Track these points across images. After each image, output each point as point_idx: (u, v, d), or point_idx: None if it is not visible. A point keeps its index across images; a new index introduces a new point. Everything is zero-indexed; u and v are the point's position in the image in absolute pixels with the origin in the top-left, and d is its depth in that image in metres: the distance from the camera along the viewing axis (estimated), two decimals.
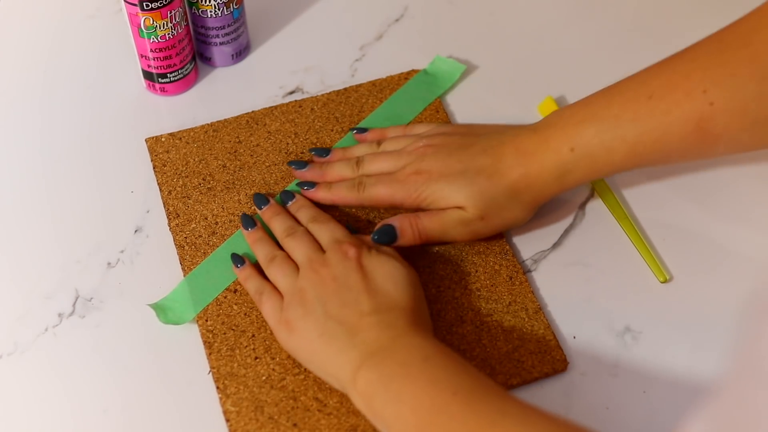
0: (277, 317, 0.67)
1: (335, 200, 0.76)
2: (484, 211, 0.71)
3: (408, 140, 0.77)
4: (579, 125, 0.70)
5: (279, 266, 0.70)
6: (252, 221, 0.74)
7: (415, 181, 0.73)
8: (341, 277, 0.66)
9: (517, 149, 0.71)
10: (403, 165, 0.74)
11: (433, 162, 0.73)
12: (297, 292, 0.67)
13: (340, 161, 0.77)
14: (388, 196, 0.74)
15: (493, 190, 0.71)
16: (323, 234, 0.71)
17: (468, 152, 0.72)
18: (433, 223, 0.72)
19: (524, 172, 0.71)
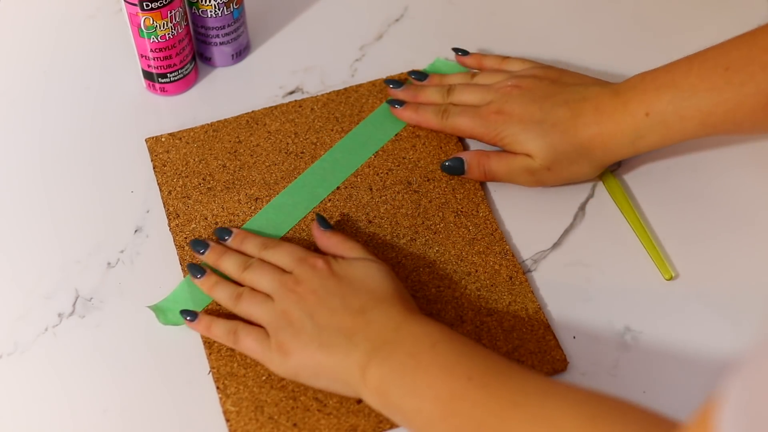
0: (266, 346, 0.65)
1: (420, 121, 0.80)
2: (552, 163, 0.74)
3: (501, 76, 0.80)
4: (657, 91, 0.72)
5: (249, 299, 0.67)
6: (200, 268, 0.71)
7: (495, 119, 0.76)
8: (319, 288, 0.65)
9: (596, 108, 0.73)
10: (489, 101, 0.77)
11: (516, 105, 0.76)
12: (280, 316, 0.65)
13: (433, 86, 0.81)
14: (469, 129, 0.77)
15: (565, 144, 0.73)
16: (282, 256, 0.69)
17: (550, 101, 0.75)
18: (501, 165, 0.76)
19: (599, 131, 0.73)
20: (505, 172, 0.76)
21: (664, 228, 0.76)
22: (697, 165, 0.80)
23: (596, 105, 0.74)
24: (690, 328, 0.71)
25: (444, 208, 0.77)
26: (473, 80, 0.81)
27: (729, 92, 0.70)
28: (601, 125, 0.73)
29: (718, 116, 0.71)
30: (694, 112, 0.71)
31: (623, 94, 0.73)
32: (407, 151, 0.80)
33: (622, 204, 0.77)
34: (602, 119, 0.73)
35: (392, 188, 0.78)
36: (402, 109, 0.80)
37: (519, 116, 0.75)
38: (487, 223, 0.76)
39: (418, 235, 0.75)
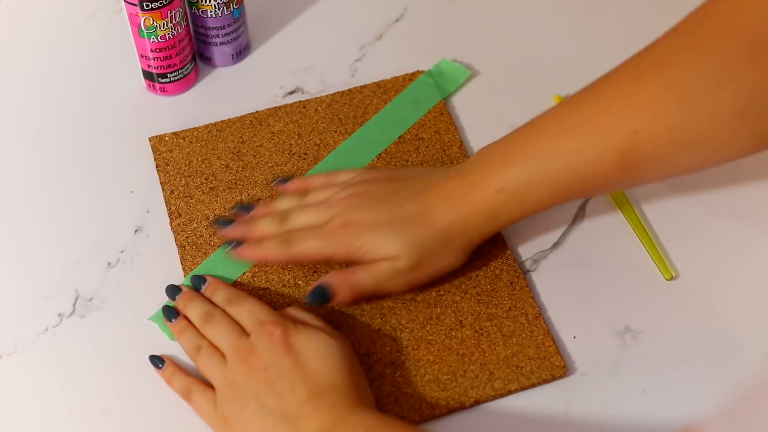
0: (212, 414, 0.65)
1: (263, 258, 0.72)
2: (417, 260, 0.69)
3: (333, 190, 0.73)
4: (503, 166, 0.68)
5: (206, 358, 0.66)
6: (175, 312, 0.70)
7: (344, 233, 0.70)
8: (271, 364, 0.63)
9: (446, 194, 0.69)
10: (330, 217, 0.71)
11: (362, 212, 0.70)
12: (229, 386, 0.64)
13: (264, 217, 0.74)
14: (318, 250, 0.70)
15: (425, 237, 0.69)
16: (243, 315, 0.67)
17: (395, 199, 0.70)
18: (367, 276, 0.69)
19: (454, 218, 0.69)
20: (371, 282, 0.69)
21: (664, 228, 0.76)
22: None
23: (444, 192, 0.69)
24: (690, 328, 0.71)
25: None
26: (305, 201, 0.74)
27: (578, 157, 0.66)
28: (454, 211, 0.69)
29: (572, 181, 0.67)
30: (546, 181, 0.67)
31: (469, 175, 0.69)
32: (410, 154, 0.80)
33: (622, 204, 0.77)
34: (455, 204, 0.69)
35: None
36: (241, 250, 0.72)
37: (368, 222, 0.69)
38: None
39: None
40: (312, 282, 0.72)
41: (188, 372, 0.68)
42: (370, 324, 0.71)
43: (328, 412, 0.61)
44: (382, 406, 0.67)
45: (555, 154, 0.67)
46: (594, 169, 0.66)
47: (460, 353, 0.69)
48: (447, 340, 0.70)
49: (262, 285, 0.73)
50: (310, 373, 0.63)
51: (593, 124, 0.66)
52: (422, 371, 0.68)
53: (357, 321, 0.71)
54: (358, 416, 0.61)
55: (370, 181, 0.73)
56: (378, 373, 0.68)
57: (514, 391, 0.68)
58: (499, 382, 0.68)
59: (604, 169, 0.66)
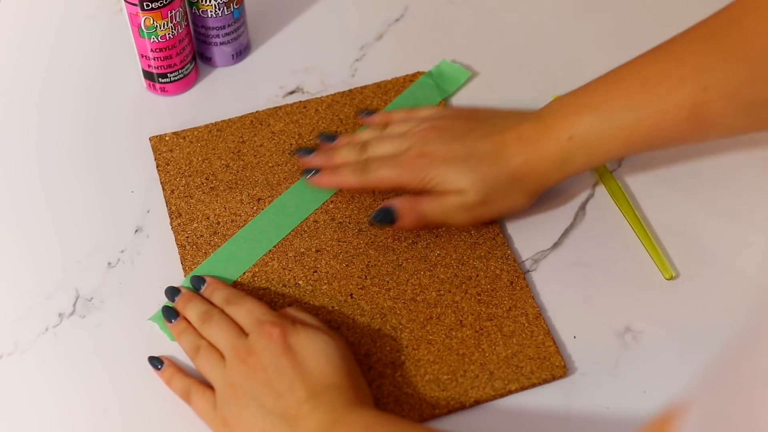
0: (212, 415, 0.65)
1: (340, 184, 0.76)
2: (485, 197, 0.72)
3: (412, 123, 0.77)
4: (577, 114, 0.71)
5: (205, 358, 0.66)
6: (175, 312, 0.70)
7: (419, 163, 0.73)
8: (270, 364, 0.63)
9: (519, 137, 0.72)
10: (407, 147, 0.74)
11: (437, 145, 0.73)
12: (228, 387, 0.64)
13: (345, 146, 0.77)
14: (393, 179, 0.74)
15: (496, 176, 0.72)
16: (241, 315, 0.68)
17: (471, 136, 0.73)
18: (434, 206, 0.73)
19: (526, 160, 0.71)
20: (439, 212, 0.73)
21: (664, 228, 0.76)
22: (697, 164, 0.80)
23: (519, 134, 0.72)
24: (690, 328, 0.71)
25: None
26: (385, 132, 0.77)
27: (649, 109, 0.69)
28: (526, 153, 0.71)
29: (641, 134, 0.69)
30: (617, 132, 0.69)
31: (544, 120, 0.72)
32: None
33: (622, 204, 0.77)
34: (527, 147, 0.71)
35: (395, 191, 0.78)
36: (318, 176, 0.76)
37: (443, 155, 0.72)
38: (488, 228, 0.75)
39: (419, 238, 0.75)
40: (312, 282, 0.72)
41: (188, 373, 0.68)
42: (370, 324, 0.71)
43: (327, 411, 0.61)
44: (382, 406, 0.67)
45: (627, 106, 0.69)
46: (664, 123, 0.69)
47: (460, 353, 0.69)
48: (447, 340, 0.70)
49: (262, 285, 0.73)
50: (309, 373, 0.63)
51: (666, 79, 0.69)
52: (422, 371, 0.68)
53: (357, 321, 0.71)
54: (357, 414, 0.62)
55: (449, 117, 0.76)
56: (378, 373, 0.68)
57: (514, 391, 0.68)
58: (499, 382, 0.68)
59: (673, 122, 0.69)
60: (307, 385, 0.62)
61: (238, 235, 0.75)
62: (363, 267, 0.73)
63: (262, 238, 0.75)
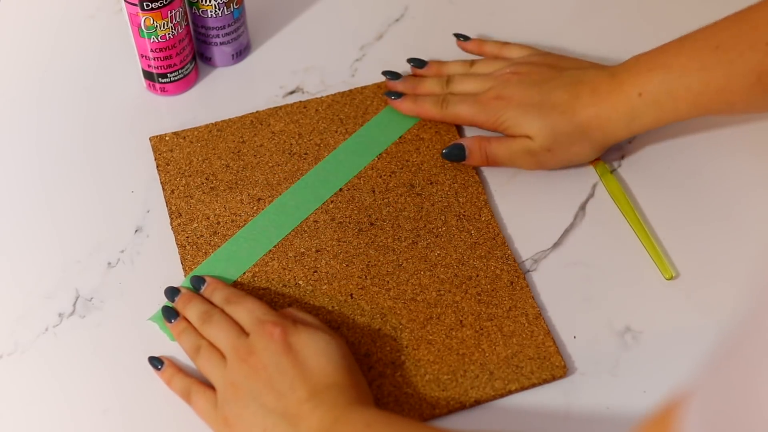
0: (213, 415, 0.65)
1: (419, 112, 0.81)
2: (551, 144, 0.75)
3: (499, 64, 0.81)
4: (649, 72, 0.73)
5: (205, 358, 0.67)
6: (175, 313, 0.70)
7: (495, 105, 0.77)
8: (271, 364, 0.63)
9: (593, 90, 0.75)
10: (488, 88, 0.78)
11: (515, 89, 0.77)
12: (229, 387, 0.64)
13: (432, 77, 0.82)
14: (469, 116, 0.79)
15: (564, 125, 0.75)
16: (242, 315, 0.68)
17: (549, 85, 0.76)
18: (502, 148, 0.77)
19: (596, 112, 0.74)
20: (506, 154, 0.77)
21: (664, 228, 0.76)
22: (697, 164, 0.80)
23: (593, 87, 0.75)
24: (690, 328, 0.71)
25: (446, 211, 0.77)
26: (472, 69, 0.82)
27: (719, 71, 0.71)
28: (598, 106, 0.74)
29: (709, 95, 0.71)
30: (686, 92, 0.72)
31: (618, 76, 0.75)
32: (411, 154, 0.80)
33: (622, 203, 0.77)
34: (599, 100, 0.74)
35: (395, 191, 0.78)
36: (400, 101, 0.81)
37: (518, 100, 0.76)
38: (489, 228, 0.76)
39: (419, 238, 0.75)
40: (312, 282, 0.72)
41: (188, 373, 0.68)
42: (370, 324, 0.71)
43: (329, 410, 0.61)
44: (383, 405, 0.67)
45: (698, 68, 0.71)
46: (731, 86, 0.71)
47: (460, 353, 0.69)
48: (447, 340, 0.70)
49: (262, 285, 0.73)
50: (310, 372, 0.63)
51: (737, 44, 0.70)
52: (422, 371, 0.68)
53: (357, 321, 0.71)
54: (357, 413, 0.62)
55: (533, 63, 0.80)
56: (378, 373, 0.68)
57: (514, 391, 0.68)
58: (499, 382, 0.68)
59: (742, 87, 0.71)
60: (308, 385, 0.62)
61: (238, 235, 0.75)
62: (363, 267, 0.73)
63: (262, 238, 0.75)
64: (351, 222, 0.76)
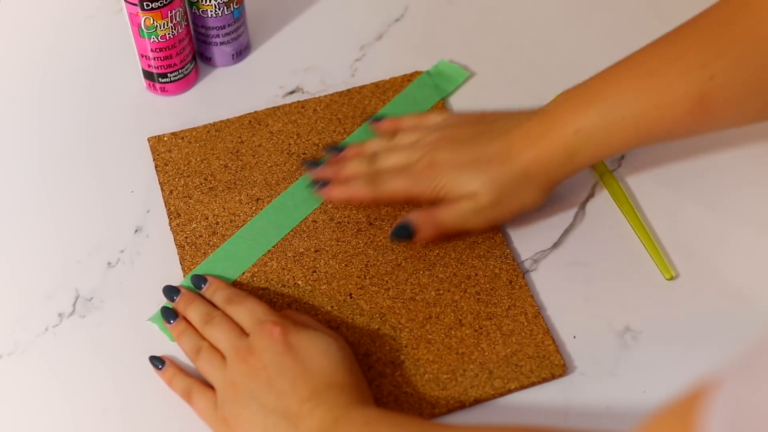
0: (213, 415, 0.65)
1: (351, 197, 0.76)
2: (497, 197, 0.72)
3: (421, 133, 0.77)
4: (582, 107, 0.71)
5: (206, 359, 0.66)
6: (173, 313, 0.70)
7: (429, 173, 0.73)
8: (272, 363, 0.63)
9: (526, 134, 0.72)
10: (417, 158, 0.74)
11: (446, 153, 0.74)
12: (229, 387, 0.64)
13: (354, 158, 0.77)
14: (405, 190, 0.74)
15: (506, 175, 0.72)
16: (242, 315, 0.67)
17: (479, 141, 0.74)
18: (449, 214, 0.73)
19: (534, 156, 0.72)
20: (455, 220, 0.73)
21: (665, 228, 0.76)
22: (697, 164, 0.80)
23: (525, 132, 0.72)
24: (690, 328, 0.71)
25: None
26: (393, 142, 0.78)
27: (655, 99, 0.69)
28: (534, 150, 0.71)
29: (648, 124, 0.70)
30: (622, 124, 0.70)
31: (550, 116, 0.72)
32: None
33: (623, 204, 0.77)
34: (534, 144, 0.72)
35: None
36: (328, 189, 0.76)
37: (452, 162, 0.73)
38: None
39: None
40: (311, 282, 0.72)
41: (188, 373, 0.68)
42: (370, 324, 0.71)
43: (329, 410, 0.61)
44: (382, 405, 0.67)
45: (633, 97, 0.69)
46: (670, 113, 0.69)
47: (459, 352, 0.69)
48: (446, 339, 0.70)
49: (261, 285, 0.73)
50: (310, 372, 0.63)
51: (672, 68, 0.69)
52: (422, 370, 0.68)
53: (356, 321, 0.71)
54: (358, 412, 0.62)
55: (456, 125, 0.77)
56: (378, 372, 0.68)
57: (513, 390, 0.68)
58: (498, 381, 0.68)
59: (680, 112, 0.69)
60: (309, 384, 0.62)
61: (237, 236, 0.75)
62: (362, 267, 0.73)
63: (260, 239, 0.75)
64: (350, 222, 0.76)
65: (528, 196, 0.73)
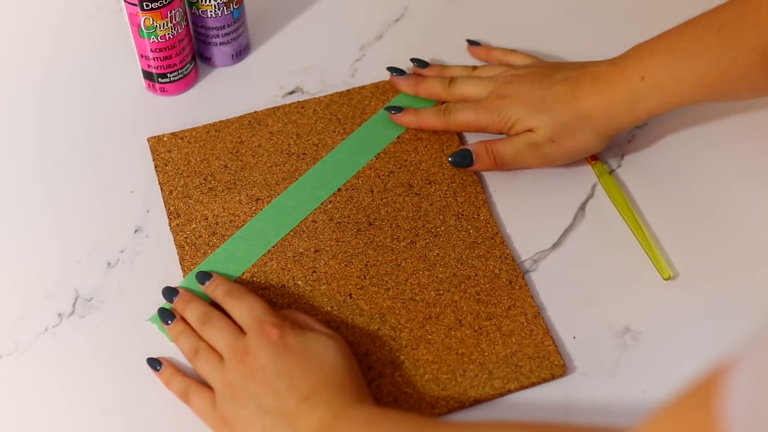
0: (212, 415, 0.64)
1: (421, 124, 0.80)
2: (554, 135, 0.75)
3: (501, 69, 0.81)
4: (651, 56, 0.73)
5: (204, 360, 0.66)
6: (171, 314, 0.70)
7: (498, 105, 0.77)
8: (269, 364, 0.63)
9: (594, 78, 0.75)
10: (490, 91, 0.79)
11: (517, 87, 0.77)
12: (227, 387, 0.64)
13: (435, 77, 0.82)
14: (473, 120, 0.78)
15: (566, 115, 0.75)
16: (241, 313, 0.67)
17: (550, 81, 0.77)
18: (507, 147, 0.77)
19: (597, 99, 0.74)
20: (511, 152, 0.77)
21: (663, 228, 0.76)
22: (696, 164, 0.80)
23: (594, 76, 0.75)
24: (690, 328, 0.71)
25: (445, 211, 0.77)
26: (474, 73, 0.82)
27: (721, 53, 0.71)
28: (598, 93, 0.74)
29: (712, 77, 0.71)
30: (688, 74, 0.72)
31: (620, 63, 0.75)
32: (409, 154, 0.80)
33: (620, 204, 0.77)
34: (600, 87, 0.74)
35: (393, 190, 0.78)
36: (401, 115, 0.81)
37: (520, 97, 0.77)
38: (487, 227, 0.76)
39: (418, 237, 0.75)
40: (311, 282, 0.72)
41: (186, 373, 0.68)
42: (369, 324, 0.71)
43: (328, 408, 0.61)
44: (382, 405, 0.67)
45: (700, 49, 0.72)
46: (735, 67, 0.71)
47: (459, 352, 0.69)
48: (446, 340, 0.70)
49: (261, 285, 0.73)
50: (308, 372, 0.63)
51: (740, 25, 0.70)
52: (422, 371, 0.68)
53: (356, 321, 0.71)
54: (357, 410, 0.62)
55: (536, 65, 0.81)
56: (377, 372, 0.68)
57: (513, 390, 0.68)
58: (498, 381, 0.68)
59: (744, 67, 0.70)
60: (307, 384, 0.62)
61: (237, 236, 0.75)
62: (362, 267, 0.73)
63: (260, 239, 0.75)
64: (349, 222, 0.76)
65: (585, 139, 0.76)
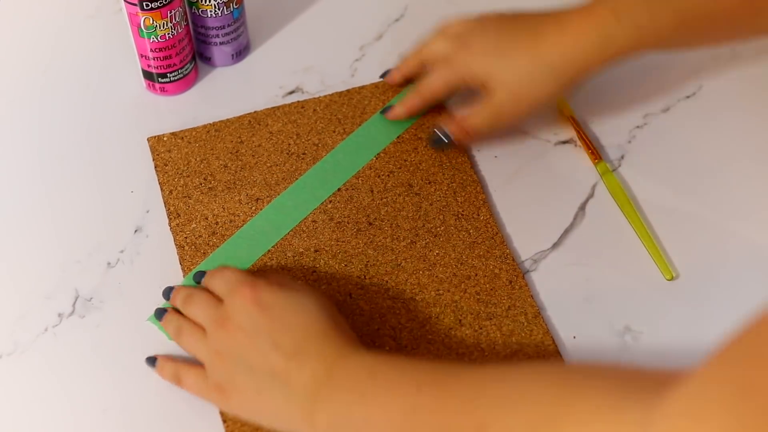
0: (205, 388, 0.64)
1: (408, 110, 0.80)
2: (514, 87, 0.73)
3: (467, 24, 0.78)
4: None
5: (187, 336, 0.66)
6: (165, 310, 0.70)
7: (462, 58, 0.75)
8: (247, 325, 0.62)
9: (559, 22, 0.71)
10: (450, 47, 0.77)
11: (479, 38, 0.75)
12: (215, 357, 0.64)
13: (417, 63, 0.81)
14: (444, 83, 0.77)
15: (528, 65, 0.72)
16: (217, 283, 0.67)
17: (512, 29, 0.74)
18: (474, 120, 0.75)
19: (562, 42, 0.70)
20: (481, 123, 0.75)
21: (664, 228, 0.76)
22: (697, 164, 0.80)
23: (558, 20, 0.72)
24: (690, 328, 0.71)
25: (445, 211, 0.77)
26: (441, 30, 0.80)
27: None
28: (563, 35, 0.70)
29: (693, 14, 0.68)
30: (667, 11, 0.68)
31: (590, 6, 0.70)
32: (409, 154, 0.80)
33: (623, 204, 0.77)
34: (565, 29, 0.70)
35: (393, 190, 0.78)
36: (391, 110, 0.81)
37: (482, 48, 0.75)
38: (487, 227, 0.76)
39: (418, 237, 0.75)
40: (311, 282, 0.72)
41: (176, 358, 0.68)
42: (370, 324, 0.71)
43: (319, 362, 0.60)
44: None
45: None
46: (717, 4, 0.67)
47: (459, 353, 0.69)
48: (446, 340, 0.70)
49: None
50: (288, 327, 0.62)
51: None
52: None
53: (356, 321, 0.71)
54: (353, 360, 0.60)
55: (497, 18, 0.77)
56: None
57: None
58: None
59: (726, 4, 0.67)
60: (289, 340, 0.61)
61: (237, 236, 0.75)
62: (362, 267, 0.73)
63: (260, 239, 0.75)
64: (349, 222, 0.76)
65: (548, 87, 0.72)
